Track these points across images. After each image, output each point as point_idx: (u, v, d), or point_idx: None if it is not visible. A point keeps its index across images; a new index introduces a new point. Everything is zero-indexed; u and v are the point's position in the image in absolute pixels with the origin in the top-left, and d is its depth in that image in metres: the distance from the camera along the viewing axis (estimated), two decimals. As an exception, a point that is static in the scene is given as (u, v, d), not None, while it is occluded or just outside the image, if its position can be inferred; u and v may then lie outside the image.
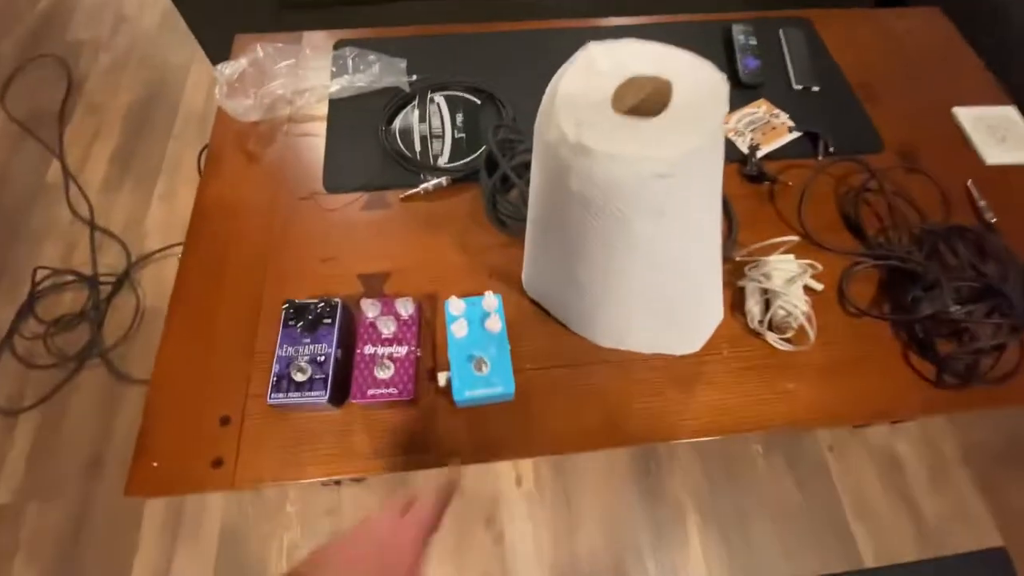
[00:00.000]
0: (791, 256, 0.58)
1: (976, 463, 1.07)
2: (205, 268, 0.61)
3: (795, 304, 0.54)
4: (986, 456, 1.07)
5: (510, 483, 1.03)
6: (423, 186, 0.65)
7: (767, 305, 0.58)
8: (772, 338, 0.56)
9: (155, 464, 0.51)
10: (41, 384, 1.12)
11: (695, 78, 0.36)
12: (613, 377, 0.55)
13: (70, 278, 1.25)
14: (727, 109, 0.34)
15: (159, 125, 1.52)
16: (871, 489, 1.04)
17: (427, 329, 0.58)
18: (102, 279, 1.25)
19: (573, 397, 0.54)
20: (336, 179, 0.66)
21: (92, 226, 1.33)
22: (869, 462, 1.07)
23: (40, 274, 1.24)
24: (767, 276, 0.57)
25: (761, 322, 0.57)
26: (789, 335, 0.56)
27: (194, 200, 0.66)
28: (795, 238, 0.56)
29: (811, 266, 0.57)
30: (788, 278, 0.56)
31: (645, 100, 0.37)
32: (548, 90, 0.38)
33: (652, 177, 0.32)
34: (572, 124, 0.33)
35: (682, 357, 0.56)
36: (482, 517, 0.98)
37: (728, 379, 0.55)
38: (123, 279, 1.25)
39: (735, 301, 0.59)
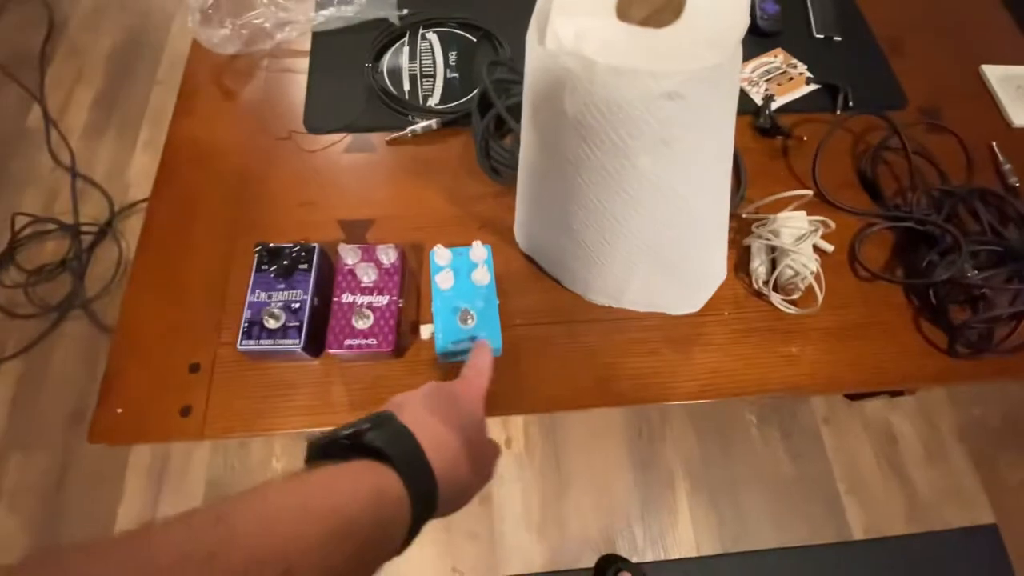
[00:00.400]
0: (802, 213, 0.54)
1: (972, 439, 1.05)
2: (176, 210, 0.57)
3: (804, 263, 0.51)
4: (983, 433, 1.06)
5: (499, 443, 1.01)
6: (411, 128, 0.60)
7: (773, 265, 0.54)
8: (777, 300, 0.53)
9: (120, 411, 0.48)
10: (23, 334, 1.10)
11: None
12: (607, 336, 0.52)
13: (52, 227, 1.21)
14: (748, 22, 0.29)
15: (143, 70, 1.45)
16: (864, 462, 1.03)
17: (411, 280, 0.54)
18: (84, 228, 1.21)
19: (564, 355, 0.51)
20: (318, 119, 0.62)
21: (74, 174, 1.28)
22: (864, 435, 1.05)
23: (21, 222, 1.20)
24: (775, 233, 0.53)
25: (766, 283, 0.54)
26: (795, 297, 0.53)
27: (165, 137, 0.62)
28: (808, 192, 0.52)
29: (823, 223, 0.53)
30: (798, 236, 0.52)
31: (655, 14, 0.32)
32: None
33: (661, 97, 0.28)
34: (570, 33, 0.29)
35: (680, 317, 0.53)
36: (470, 479, 0.97)
37: (728, 341, 0.52)
38: (106, 229, 1.21)
39: (739, 261, 0.56)
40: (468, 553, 0.93)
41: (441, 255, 0.50)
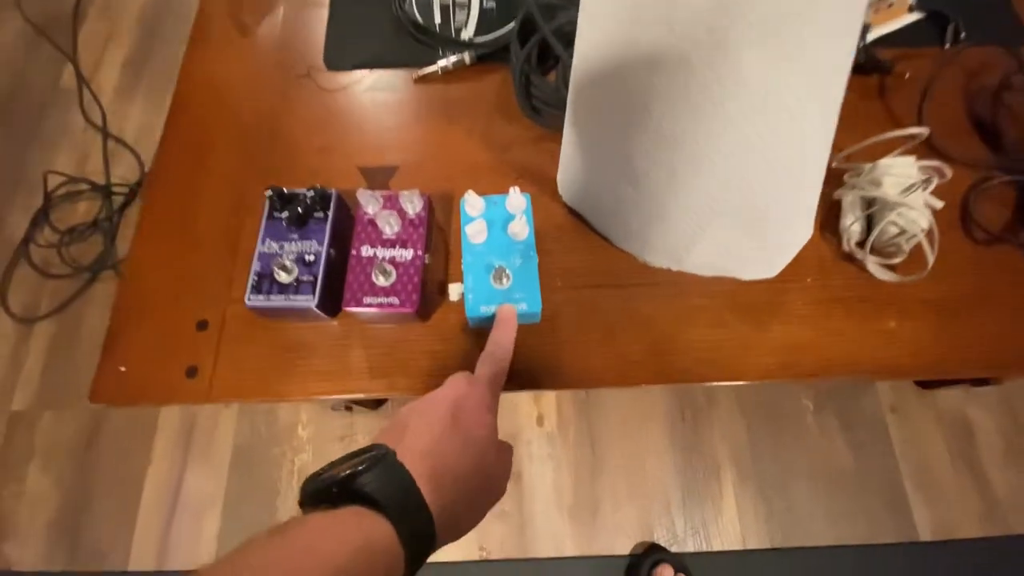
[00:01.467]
0: (911, 158, 0.44)
1: (1063, 437, 0.93)
2: (186, 155, 0.52)
3: (914, 219, 0.42)
4: (1076, 430, 0.94)
5: (530, 421, 0.96)
6: (441, 63, 0.53)
7: (869, 223, 0.45)
8: (873, 264, 0.44)
9: (123, 369, 0.44)
10: (56, 293, 1.09)
11: None
12: (664, 302, 0.44)
13: (84, 187, 1.20)
14: None
15: (173, 30, 1.42)
16: (936, 457, 0.93)
17: (439, 235, 0.48)
18: (115, 189, 1.19)
19: (613, 324, 0.44)
20: (339, 54, 0.55)
21: (105, 134, 1.26)
22: (936, 427, 0.95)
23: (55, 181, 1.19)
24: (876, 183, 0.44)
25: (860, 244, 0.45)
26: (895, 261, 0.44)
27: (177, 76, 0.57)
28: (923, 130, 0.43)
29: (936, 171, 0.44)
30: (906, 186, 0.43)
31: None
32: None
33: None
34: None
35: (753, 283, 0.45)
36: (500, 456, 0.92)
37: (811, 312, 0.44)
38: (136, 190, 1.19)
39: (825, 218, 0.47)
40: (496, 532, 0.89)
41: (473, 203, 0.43)
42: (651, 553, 0.83)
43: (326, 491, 0.25)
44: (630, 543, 0.87)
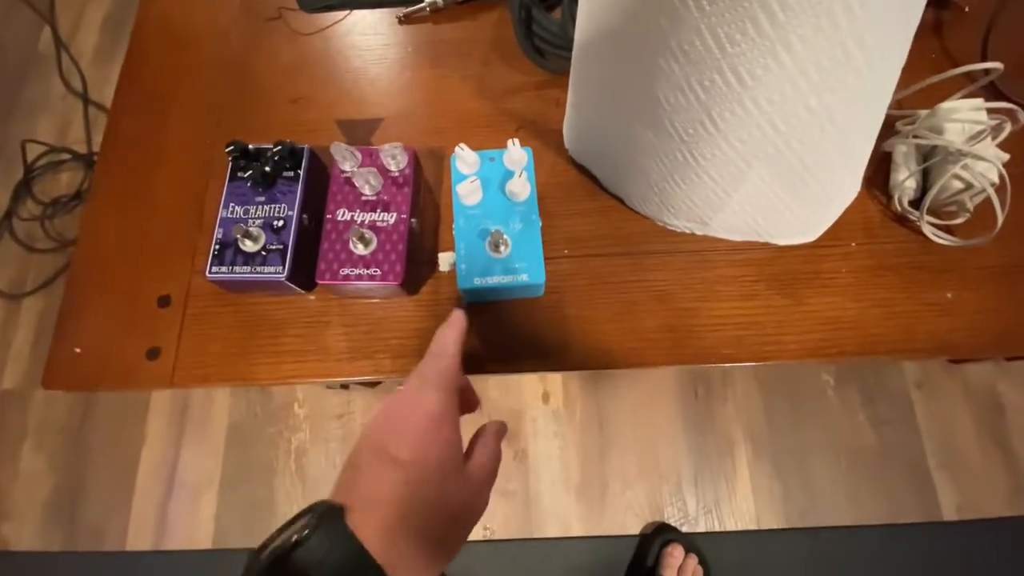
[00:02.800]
0: (977, 100, 0.38)
1: (1101, 413, 0.88)
2: (144, 111, 0.47)
3: (982, 172, 0.36)
4: (1115, 406, 0.88)
5: (536, 398, 0.92)
6: (430, 1, 0.46)
7: (925, 178, 0.39)
8: (929, 226, 0.38)
9: (78, 351, 0.39)
10: (43, 268, 1.05)
11: None
12: (686, 272, 0.39)
13: (66, 157, 1.14)
14: None
15: (153, -15, 1.33)
16: (963, 434, 0.88)
17: (427, 196, 0.42)
18: (97, 158, 1.13)
19: (627, 297, 0.38)
20: (313, -8, 0.49)
21: (86, 100, 1.20)
22: (964, 403, 0.90)
23: (35, 151, 1.14)
24: (936, 130, 0.38)
25: (915, 202, 0.39)
26: (957, 222, 0.38)
27: (133, 22, 0.50)
28: (997, 65, 0.36)
29: (1009, 116, 0.37)
30: (973, 133, 0.36)
31: None
32: None
33: None
34: None
35: (789, 249, 0.39)
36: (503, 433, 0.89)
37: (856, 281, 0.38)
38: (119, 159, 1.14)
39: (873, 174, 0.41)
40: (500, 511, 0.86)
41: (465, 159, 0.37)
42: (661, 533, 0.80)
43: (271, 571, 0.21)
44: (640, 523, 0.84)
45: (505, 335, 0.38)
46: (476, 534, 0.84)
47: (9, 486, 0.92)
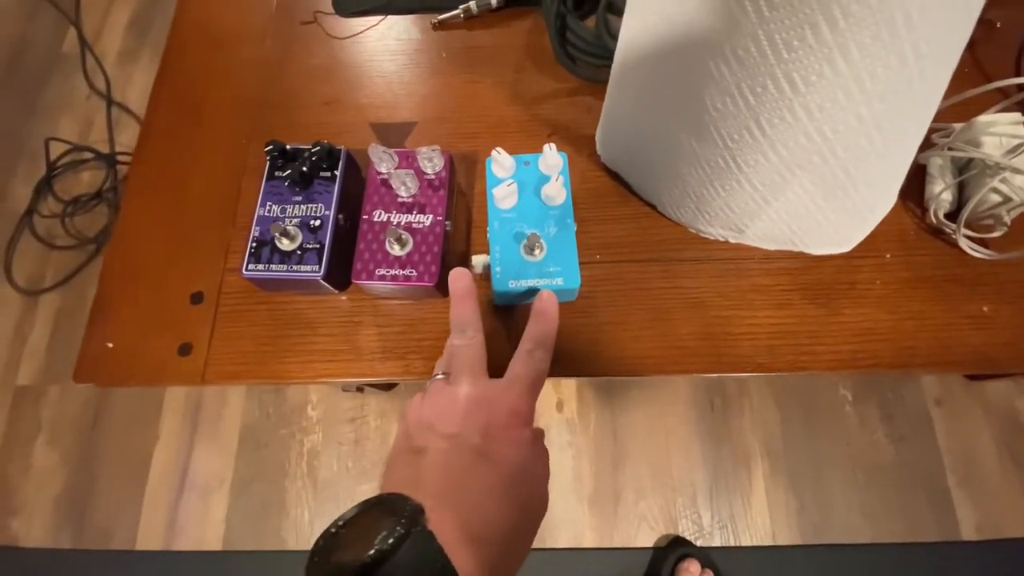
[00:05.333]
0: (1016, 115, 0.38)
1: (1124, 434, 0.87)
2: (179, 110, 0.47)
3: (1020, 185, 0.35)
4: None
5: (549, 406, 0.91)
6: (464, 7, 0.47)
7: (960, 191, 0.39)
8: (965, 240, 0.38)
9: (110, 345, 0.40)
10: (61, 266, 1.06)
11: None
12: (719, 280, 0.39)
13: (88, 156, 1.16)
14: None
15: (178, -10, 1.35)
16: (982, 452, 0.87)
17: (460, 199, 0.42)
18: (120, 158, 1.15)
19: (659, 304, 0.38)
20: (349, -3, 0.49)
21: (109, 100, 1.22)
22: (984, 420, 0.89)
23: (58, 150, 1.15)
24: (973, 143, 0.38)
25: (950, 215, 0.39)
26: (993, 236, 0.38)
27: (171, 24, 0.51)
28: (1040, 80, 0.36)
29: (1049, 130, 0.37)
30: (1011, 147, 0.36)
31: None
32: None
33: None
34: None
35: (823, 259, 0.39)
36: (516, 441, 0.88)
37: (890, 293, 0.38)
38: (140, 160, 1.15)
39: (907, 186, 0.41)
40: (512, 520, 0.85)
41: (501, 163, 0.37)
42: (676, 547, 0.79)
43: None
44: (654, 536, 0.83)
45: (536, 339, 0.38)
46: (487, 542, 0.83)
47: (20, 481, 0.92)
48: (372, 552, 0.18)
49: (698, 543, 0.82)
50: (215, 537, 0.87)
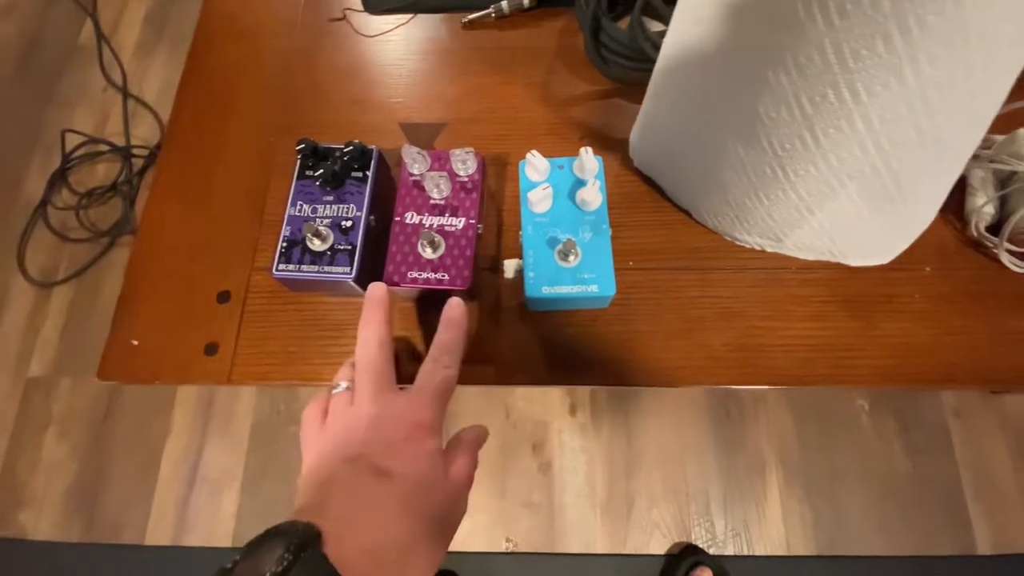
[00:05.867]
0: (1063, 128, 0.37)
1: None
2: (206, 107, 0.47)
3: (1069, 200, 0.35)
4: None
5: (563, 411, 0.91)
6: (496, 6, 0.46)
7: (1002, 204, 0.38)
8: (1007, 255, 0.37)
9: (135, 343, 0.39)
10: (74, 258, 1.06)
11: None
12: (755, 289, 0.38)
13: (103, 148, 1.16)
14: None
15: (195, -16, 1.35)
16: (1000, 465, 0.86)
17: (490, 202, 0.42)
18: (135, 151, 1.15)
19: (694, 312, 0.38)
20: (379, -6, 0.49)
21: (125, 93, 1.22)
22: (1001, 434, 0.88)
23: (73, 142, 1.15)
24: (1017, 156, 0.37)
25: (991, 228, 0.38)
26: (1036, 251, 0.37)
27: (198, 19, 0.51)
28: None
29: (1098, 144, 0.36)
30: (1059, 160, 0.36)
31: None
32: None
33: None
34: None
35: (860, 270, 0.38)
36: (528, 441, 0.88)
37: (929, 307, 0.37)
38: (155, 152, 1.15)
39: (948, 199, 0.40)
40: (524, 523, 0.85)
41: (536, 166, 0.37)
42: (688, 554, 0.79)
43: None
44: (666, 543, 0.82)
45: (566, 346, 0.38)
46: (498, 545, 0.83)
47: (30, 474, 0.92)
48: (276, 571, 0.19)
49: (711, 551, 0.81)
50: (225, 533, 0.87)
